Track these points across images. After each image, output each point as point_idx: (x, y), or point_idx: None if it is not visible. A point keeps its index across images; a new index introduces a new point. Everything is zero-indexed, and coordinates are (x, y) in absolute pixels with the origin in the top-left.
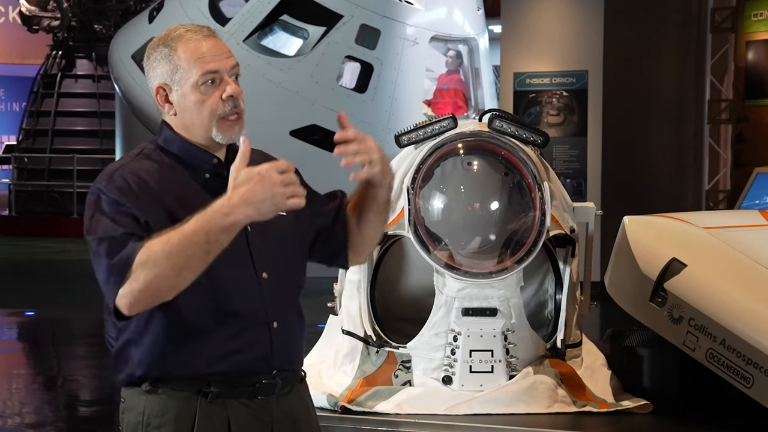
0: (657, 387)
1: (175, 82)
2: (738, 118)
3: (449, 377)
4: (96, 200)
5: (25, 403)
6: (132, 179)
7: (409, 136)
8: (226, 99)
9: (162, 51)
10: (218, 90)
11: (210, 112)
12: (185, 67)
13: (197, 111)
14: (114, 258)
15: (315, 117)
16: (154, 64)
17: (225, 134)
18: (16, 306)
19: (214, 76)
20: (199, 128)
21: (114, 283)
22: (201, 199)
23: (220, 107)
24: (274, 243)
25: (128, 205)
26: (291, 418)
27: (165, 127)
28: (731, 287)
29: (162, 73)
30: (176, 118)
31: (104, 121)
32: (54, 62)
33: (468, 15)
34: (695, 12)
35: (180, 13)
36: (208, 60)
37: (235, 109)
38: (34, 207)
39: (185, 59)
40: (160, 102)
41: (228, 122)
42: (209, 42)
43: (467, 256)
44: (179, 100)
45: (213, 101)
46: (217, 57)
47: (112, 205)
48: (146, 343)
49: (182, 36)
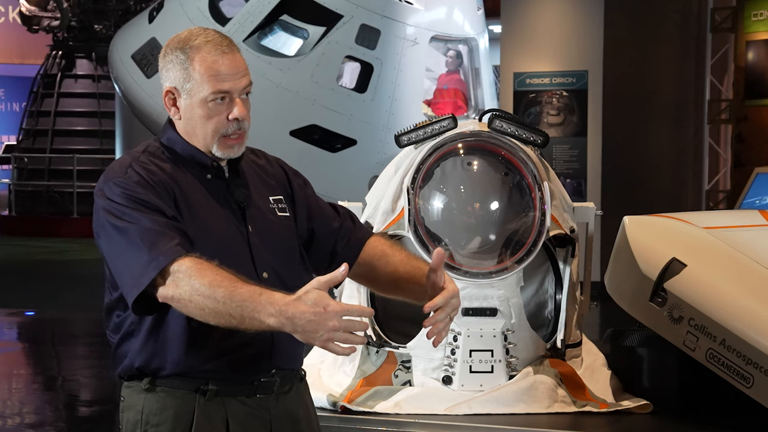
0: (657, 387)
1: (185, 91)
2: (738, 117)
3: (449, 377)
4: (110, 202)
5: (25, 403)
6: (146, 173)
7: (409, 136)
8: (231, 120)
9: (179, 56)
10: (226, 109)
11: (214, 129)
12: (198, 79)
13: (201, 125)
14: (153, 250)
15: (315, 117)
16: (169, 66)
17: (224, 152)
18: (16, 306)
19: (225, 95)
20: (201, 139)
21: (149, 274)
22: (203, 197)
23: (224, 127)
24: (275, 244)
25: (151, 195)
26: (290, 417)
27: (169, 127)
28: (731, 287)
29: (174, 78)
30: (181, 122)
31: (104, 121)
32: (54, 62)
33: (468, 15)
34: (695, 12)
35: (180, 13)
36: (221, 79)
37: (239, 131)
38: (34, 207)
39: (199, 72)
40: (167, 104)
41: (230, 141)
42: (226, 59)
43: (467, 256)
44: (186, 109)
45: (219, 120)
46: (231, 77)
47: (136, 199)
48: (144, 337)
49: (201, 48)
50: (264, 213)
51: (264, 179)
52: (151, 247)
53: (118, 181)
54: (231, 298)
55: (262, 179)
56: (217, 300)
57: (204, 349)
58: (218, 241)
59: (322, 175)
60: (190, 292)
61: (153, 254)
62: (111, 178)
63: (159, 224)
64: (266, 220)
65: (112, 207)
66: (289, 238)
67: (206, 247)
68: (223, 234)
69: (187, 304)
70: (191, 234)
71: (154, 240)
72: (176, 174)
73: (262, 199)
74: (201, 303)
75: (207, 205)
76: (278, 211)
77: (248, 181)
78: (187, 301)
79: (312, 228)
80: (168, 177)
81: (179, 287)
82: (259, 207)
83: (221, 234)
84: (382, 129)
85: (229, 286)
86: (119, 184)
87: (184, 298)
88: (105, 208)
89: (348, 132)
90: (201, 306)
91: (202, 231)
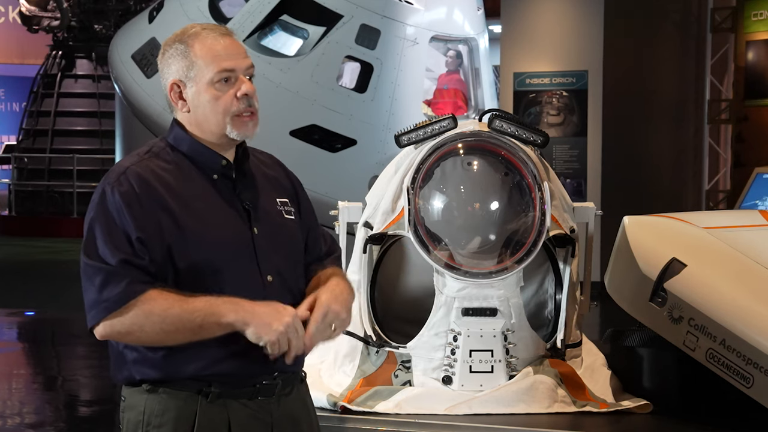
0: (657, 387)
1: (190, 79)
2: (738, 118)
3: (449, 377)
4: (96, 211)
5: (25, 403)
6: (138, 183)
7: (409, 136)
8: (240, 97)
9: (178, 47)
10: (233, 88)
11: (224, 110)
12: (201, 64)
13: (211, 108)
14: (103, 292)
15: (315, 117)
16: (170, 61)
17: (240, 130)
18: (16, 306)
19: (230, 74)
20: (213, 125)
21: (96, 315)
22: (209, 198)
23: (234, 105)
24: (280, 247)
25: (126, 218)
26: (291, 419)
27: (176, 125)
28: (731, 287)
29: (177, 70)
30: (189, 115)
31: (104, 121)
32: (54, 62)
33: (468, 15)
34: (695, 12)
35: (180, 13)
36: (224, 58)
37: (249, 108)
38: (34, 207)
39: (201, 56)
40: (173, 99)
41: (243, 119)
42: (226, 40)
43: (467, 256)
44: (193, 97)
45: (227, 99)
46: (233, 56)
47: (109, 224)
48: (145, 347)
49: (199, 33)
50: (271, 215)
51: (271, 180)
52: (101, 288)
53: (107, 189)
54: (184, 313)
55: (269, 180)
56: (169, 319)
57: (207, 354)
58: (221, 244)
59: (322, 175)
60: (143, 323)
61: (103, 296)
62: (104, 182)
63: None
64: (273, 222)
65: (89, 226)
66: (295, 240)
67: (207, 250)
68: (226, 236)
69: (140, 336)
70: (192, 236)
71: (106, 281)
72: (179, 175)
73: (270, 201)
74: (155, 329)
75: (212, 206)
76: (285, 214)
77: (255, 182)
78: (137, 331)
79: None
80: (169, 181)
81: (123, 324)
82: (266, 208)
83: (224, 236)
84: (382, 129)
85: (179, 304)
86: (107, 193)
87: (133, 331)
88: (87, 220)
89: (348, 132)
90: (155, 332)
91: (203, 233)
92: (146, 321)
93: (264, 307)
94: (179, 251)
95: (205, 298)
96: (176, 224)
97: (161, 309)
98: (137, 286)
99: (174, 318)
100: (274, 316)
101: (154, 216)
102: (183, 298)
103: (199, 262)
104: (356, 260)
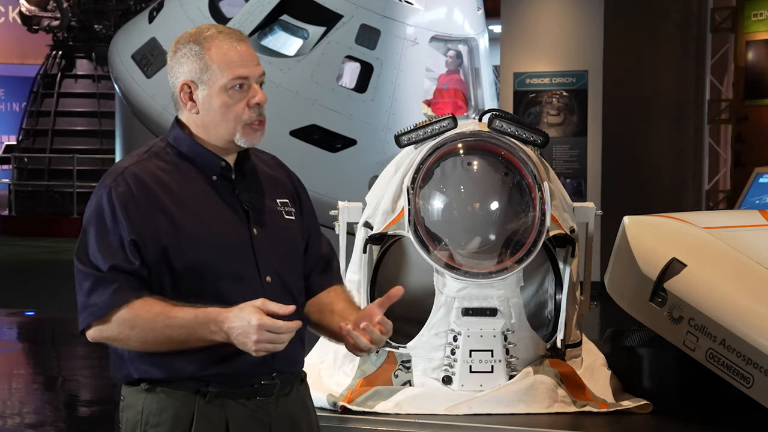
0: (657, 387)
1: (203, 82)
2: (738, 118)
3: (449, 377)
4: (91, 213)
5: (25, 403)
6: (135, 184)
7: (409, 136)
8: (252, 106)
9: (193, 48)
10: (245, 96)
11: (235, 117)
12: (215, 68)
13: (222, 114)
14: (91, 297)
15: (315, 117)
16: (182, 60)
17: (248, 139)
18: (16, 306)
19: (243, 82)
20: (223, 131)
21: (85, 319)
22: (208, 199)
23: (246, 114)
24: (279, 247)
25: (121, 220)
26: (290, 419)
27: (176, 126)
28: (731, 287)
29: (190, 70)
30: (197, 116)
31: (104, 121)
32: (54, 62)
33: (468, 15)
34: (695, 12)
35: (180, 13)
36: (239, 65)
37: (260, 117)
38: (34, 207)
39: (217, 61)
40: (183, 99)
41: (253, 127)
42: (242, 47)
43: (467, 256)
44: (204, 100)
45: (239, 107)
46: (248, 63)
47: (103, 228)
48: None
49: (215, 37)
50: (271, 215)
51: (270, 181)
52: (89, 293)
53: (105, 189)
54: (171, 325)
55: (270, 181)
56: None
57: (206, 355)
58: (219, 245)
59: (322, 175)
60: (130, 331)
61: (90, 300)
62: (103, 182)
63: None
64: (273, 222)
65: (83, 229)
66: (295, 241)
67: (205, 250)
68: (224, 237)
69: (127, 343)
70: (189, 237)
71: (94, 286)
72: (178, 176)
73: (270, 201)
74: (141, 337)
75: (210, 207)
76: (285, 214)
77: (255, 183)
78: (124, 339)
79: (307, 242)
80: (167, 182)
81: (111, 330)
82: (266, 209)
83: (223, 237)
84: (382, 129)
85: (166, 315)
86: (105, 193)
87: (120, 339)
88: (84, 220)
89: (348, 132)
90: (141, 340)
91: (201, 234)
92: (131, 332)
93: (236, 322)
94: (176, 252)
95: (188, 311)
96: (174, 225)
97: (146, 321)
98: (125, 294)
99: (158, 333)
100: (245, 331)
101: (151, 217)
102: (167, 313)
103: (196, 263)
104: (356, 260)
